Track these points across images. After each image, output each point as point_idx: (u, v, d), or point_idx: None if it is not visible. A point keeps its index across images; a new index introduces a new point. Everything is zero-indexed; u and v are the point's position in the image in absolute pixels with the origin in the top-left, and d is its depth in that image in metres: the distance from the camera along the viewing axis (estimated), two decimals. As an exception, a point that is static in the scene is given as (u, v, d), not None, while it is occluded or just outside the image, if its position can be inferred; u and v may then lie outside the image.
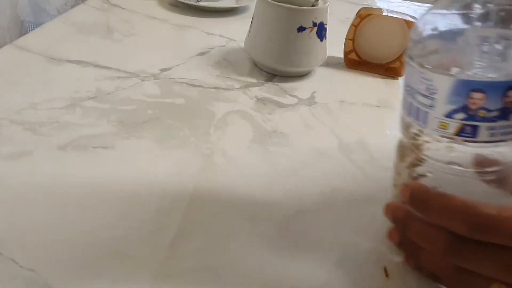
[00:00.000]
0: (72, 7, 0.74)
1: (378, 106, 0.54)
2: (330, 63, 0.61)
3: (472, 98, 0.26)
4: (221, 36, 0.67)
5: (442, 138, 0.28)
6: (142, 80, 0.52)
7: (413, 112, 0.29)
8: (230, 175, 0.40)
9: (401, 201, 0.31)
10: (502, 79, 0.25)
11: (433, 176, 0.30)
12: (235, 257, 0.32)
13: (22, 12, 0.66)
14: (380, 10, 0.59)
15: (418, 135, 0.30)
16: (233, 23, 0.73)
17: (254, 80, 0.56)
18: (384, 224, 0.33)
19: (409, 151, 0.31)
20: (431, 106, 0.27)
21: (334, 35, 0.59)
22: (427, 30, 0.28)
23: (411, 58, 0.29)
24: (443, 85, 0.27)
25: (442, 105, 0.27)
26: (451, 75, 0.26)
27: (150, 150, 0.41)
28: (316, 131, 0.48)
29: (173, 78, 0.54)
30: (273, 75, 0.57)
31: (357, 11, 0.60)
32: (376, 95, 0.56)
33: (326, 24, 0.55)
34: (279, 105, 0.51)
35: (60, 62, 0.54)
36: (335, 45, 0.60)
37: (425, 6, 0.94)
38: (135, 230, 0.33)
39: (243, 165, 0.41)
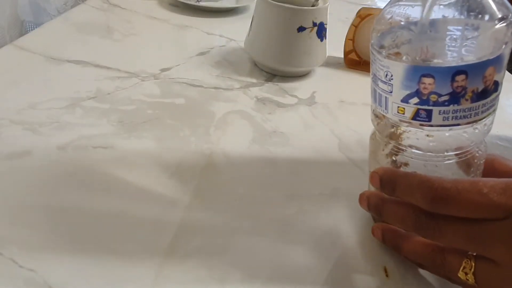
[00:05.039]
0: (72, 7, 0.74)
1: (378, 106, 0.54)
2: (330, 63, 0.61)
3: (423, 83, 0.27)
4: (221, 36, 0.67)
5: (401, 122, 0.30)
6: (142, 80, 0.52)
7: (377, 99, 0.31)
8: (230, 175, 0.40)
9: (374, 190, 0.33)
10: (449, 64, 0.26)
11: (414, 164, 0.31)
12: (235, 257, 0.32)
13: (22, 12, 0.66)
14: (380, 10, 0.59)
15: (397, 126, 0.31)
16: (233, 23, 0.73)
17: (254, 80, 0.56)
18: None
19: (387, 141, 0.32)
20: (390, 92, 0.29)
21: (334, 35, 0.59)
22: (391, 22, 0.29)
23: (372, 46, 0.30)
24: (397, 71, 0.28)
25: (398, 91, 0.28)
26: (403, 61, 0.28)
27: (150, 150, 0.41)
28: (316, 131, 0.48)
29: (173, 78, 0.54)
30: (273, 75, 0.57)
31: (357, 11, 0.60)
32: (376, 95, 0.56)
33: (326, 24, 0.55)
34: (279, 105, 0.51)
35: (60, 62, 0.54)
36: (335, 45, 0.60)
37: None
38: (135, 230, 0.33)
39: (243, 165, 0.41)
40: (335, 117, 0.50)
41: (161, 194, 0.36)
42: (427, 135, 0.29)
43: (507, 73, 0.63)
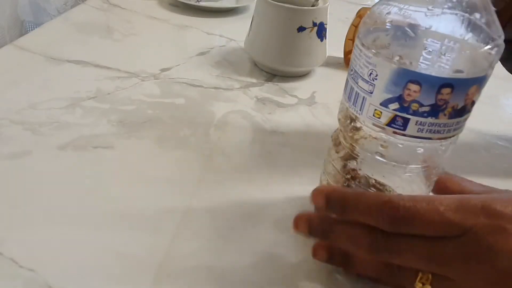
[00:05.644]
0: (72, 7, 0.74)
1: (378, 106, 0.54)
2: (330, 63, 0.61)
3: (408, 89, 0.26)
4: (221, 36, 0.67)
5: (374, 126, 0.28)
6: (142, 80, 0.52)
7: (353, 98, 0.29)
8: (230, 175, 0.40)
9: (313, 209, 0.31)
10: (438, 74, 0.26)
11: (365, 169, 0.31)
12: (235, 257, 0.32)
13: (22, 12, 0.66)
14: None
15: (357, 129, 0.30)
16: (233, 23, 0.73)
17: (254, 80, 0.56)
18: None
19: (345, 143, 0.32)
20: (370, 93, 0.28)
21: (334, 35, 0.59)
22: (382, 20, 0.28)
23: (360, 41, 0.28)
24: (384, 71, 0.27)
25: (380, 93, 0.27)
26: (394, 62, 0.26)
27: (150, 150, 0.41)
28: (316, 131, 0.48)
29: (173, 78, 0.54)
30: (273, 75, 0.57)
31: (357, 11, 0.60)
32: (376, 95, 0.56)
33: (326, 24, 0.55)
34: (279, 105, 0.51)
35: (60, 62, 0.54)
36: (335, 45, 0.60)
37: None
38: (135, 230, 0.33)
39: (243, 165, 0.41)
40: (335, 117, 0.50)
41: (161, 194, 0.37)
42: (382, 145, 0.29)
43: (507, 73, 0.63)
